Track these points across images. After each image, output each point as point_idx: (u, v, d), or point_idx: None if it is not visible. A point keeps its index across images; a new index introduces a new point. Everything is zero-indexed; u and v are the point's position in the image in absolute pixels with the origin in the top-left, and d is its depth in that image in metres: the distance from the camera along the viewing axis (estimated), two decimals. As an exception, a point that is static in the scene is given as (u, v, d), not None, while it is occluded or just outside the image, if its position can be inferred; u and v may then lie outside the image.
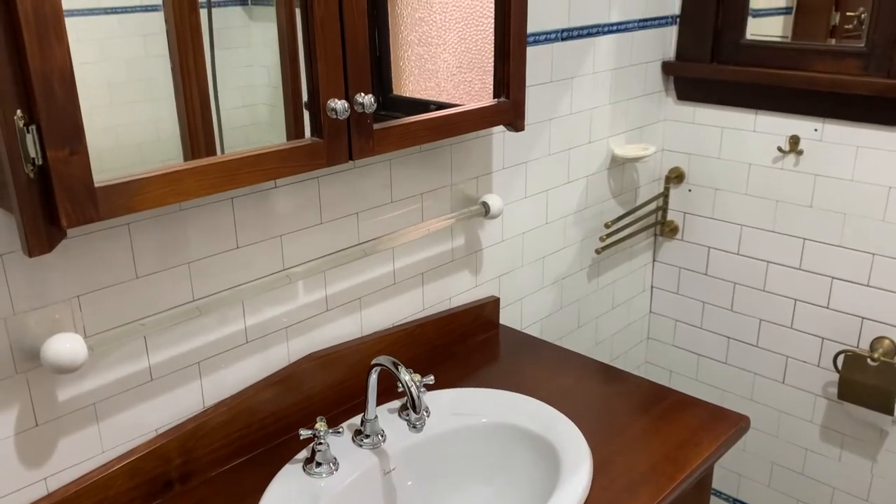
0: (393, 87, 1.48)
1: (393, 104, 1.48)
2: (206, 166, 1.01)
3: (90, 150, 0.88)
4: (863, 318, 1.94)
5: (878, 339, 1.91)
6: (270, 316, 1.31)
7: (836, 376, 2.00)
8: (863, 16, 1.83)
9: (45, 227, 0.87)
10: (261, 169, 1.07)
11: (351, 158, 1.18)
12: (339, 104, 1.11)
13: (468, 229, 1.65)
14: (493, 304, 1.74)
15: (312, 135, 1.15)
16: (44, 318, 1.04)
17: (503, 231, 1.74)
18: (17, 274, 1.00)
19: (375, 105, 1.16)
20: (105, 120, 1.03)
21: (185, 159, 1.10)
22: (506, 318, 1.80)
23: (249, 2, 1.19)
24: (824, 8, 1.98)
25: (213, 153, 1.13)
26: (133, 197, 0.93)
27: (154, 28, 1.06)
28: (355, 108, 1.15)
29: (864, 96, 1.78)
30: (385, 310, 1.52)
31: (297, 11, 1.11)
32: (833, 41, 1.93)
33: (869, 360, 1.89)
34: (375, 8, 1.41)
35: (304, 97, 1.15)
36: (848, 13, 1.90)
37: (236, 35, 1.19)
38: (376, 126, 1.20)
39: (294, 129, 1.19)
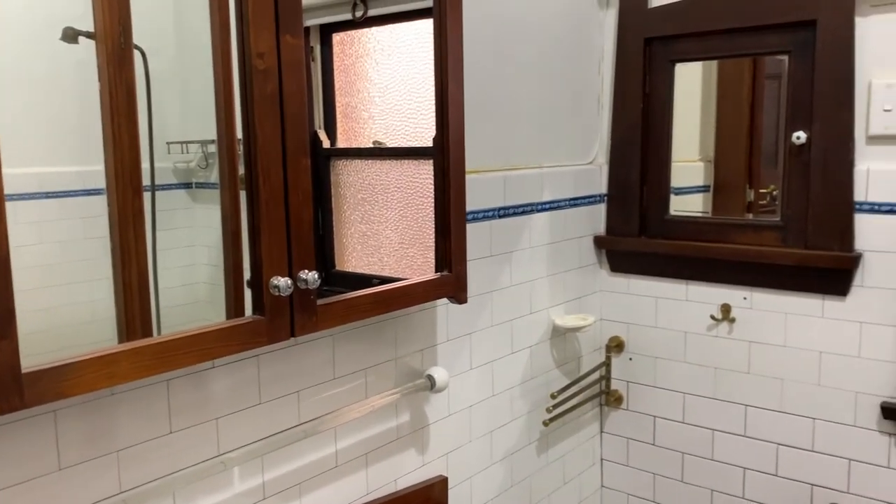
0: (336, 262, 1.50)
1: (336, 279, 1.49)
2: (141, 348, 0.97)
3: (19, 334, 0.84)
4: (812, 485, 1.92)
5: (831, 505, 1.90)
6: (203, 507, 1.22)
7: (794, 548, 1.94)
8: (774, 192, 1.97)
9: (-40, 418, 0.81)
10: (199, 349, 1.04)
11: (293, 335, 1.16)
12: (283, 281, 1.11)
13: (413, 404, 1.61)
14: (441, 485, 1.66)
15: (254, 312, 1.13)
16: (-52, 520, 0.94)
17: (449, 405, 1.70)
18: (-77, 470, 0.91)
19: (319, 281, 1.16)
20: (37, 302, 1.00)
21: (120, 341, 1.06)
22: (455, 499, 1.72)
23: (194, 185, 1.21)
24: (739, 186, 2.13)
25: (150, 334, 1.10)
26: (63, 382, 0.88)
27: (95, 211, 1.07)
28: (298, 284, 1.15)
29: (786, 266, 1.88)
30: (327, 495, 1.43)
31: (242, 193, 1.13)
32: (750, 215, 2.06)
33: (824, 528, 1.85)
34: (319, 189, 1.46)
35: (247, 275, 1.15)
36: (761, 190, 2.05)
37: (179, 216, 1.20)
38: (319, 302, 1.20)
39: (234, 308, 1.17)
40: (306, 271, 1.15)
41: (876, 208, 1.76)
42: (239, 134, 1.12)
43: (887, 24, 1.71)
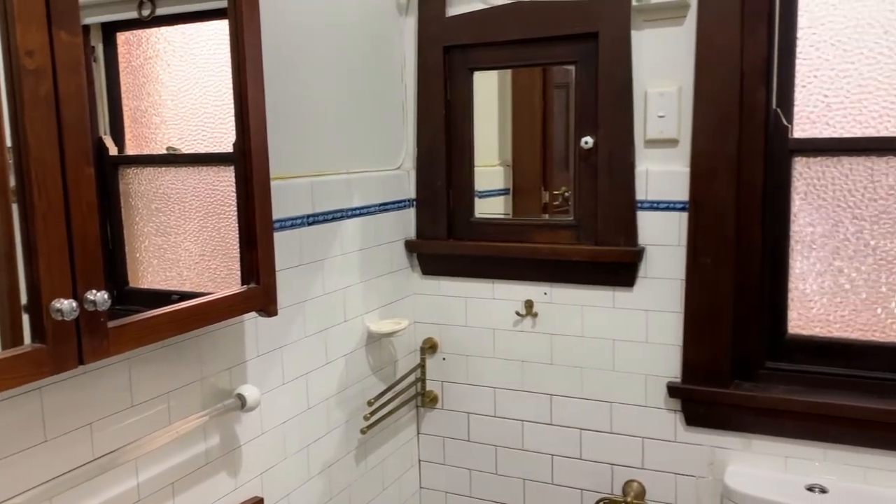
0: (129, 279, 1.39)
1: (130, 297, 1.38)
2: None
3: None
4: (612, 464, 2.07)
5: (628, 482, 2.05)
6: (-21, 565, 1.08)
7: (599, 525, 2.08)
8: (567, 193, 2.10)
9: None
10: (-34, 386, 0.91)
11: (82, 362, 1.05)
12: (66, 304, 1.00)
13: (223, 426, 1.53)
14: (256, 506, 1.59)
15: (34, 340, 1.02)
16: None
17: (262, 423, 1.64)
18: None
19: (109, 301, 1.06)
20: None
21: None
22: (272, 518, 1.66)
23: (-47, 198, 1.06)
24: (535, 188, 2.25)
25: None
26: None
27: None
28: (85, 306, 1.04)
29: (580, 261, 2.01)
30: (130, 532, 1.32)
31: (15, 207, 1.01)
32: (546, 216, 2.19)
33: None
34: (107, 200, 1.34)
35: (24, 299, 1.03)
36: (555, 192, 2.17)
37: (-64, 235, 1.05)
38: (111, 324, 1.10)
39: (11, 336, 1.04)
40: (94, 291, 1.05)
41: (654, 206, 1.93)
42: (8, 141, 1.00)
43: (658, 37, 1.88)
